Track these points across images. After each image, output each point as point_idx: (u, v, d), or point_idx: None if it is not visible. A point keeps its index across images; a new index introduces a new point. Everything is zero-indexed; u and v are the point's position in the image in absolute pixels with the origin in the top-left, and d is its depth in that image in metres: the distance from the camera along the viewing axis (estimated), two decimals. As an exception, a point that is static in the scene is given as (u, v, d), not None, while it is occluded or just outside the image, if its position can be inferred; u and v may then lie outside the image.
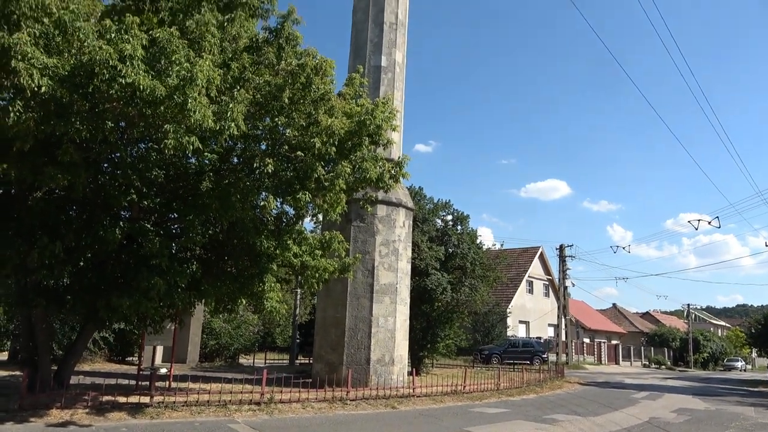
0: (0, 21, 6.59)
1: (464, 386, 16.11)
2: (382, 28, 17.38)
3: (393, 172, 11.72)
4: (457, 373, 20.72)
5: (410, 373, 16.08)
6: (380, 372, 15.52)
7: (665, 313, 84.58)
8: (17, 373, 12.56)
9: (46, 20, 6.83)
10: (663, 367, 52.24)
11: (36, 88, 6.58)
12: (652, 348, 57.59)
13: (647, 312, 77.26)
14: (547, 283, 50.65)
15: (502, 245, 35.38)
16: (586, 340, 50.88)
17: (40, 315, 10.49)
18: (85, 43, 6.95)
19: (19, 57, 6.31)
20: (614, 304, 70.40)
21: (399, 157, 12.61)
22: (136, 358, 19.22)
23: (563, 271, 40.43)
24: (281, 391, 12.07)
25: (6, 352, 19.13)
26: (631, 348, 53.87)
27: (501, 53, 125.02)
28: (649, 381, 29.10)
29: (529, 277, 47.61)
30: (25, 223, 9.19)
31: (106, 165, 9.37)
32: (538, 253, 49.44)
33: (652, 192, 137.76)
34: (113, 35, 6.99)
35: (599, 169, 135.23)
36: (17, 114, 6.61)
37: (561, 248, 40.68)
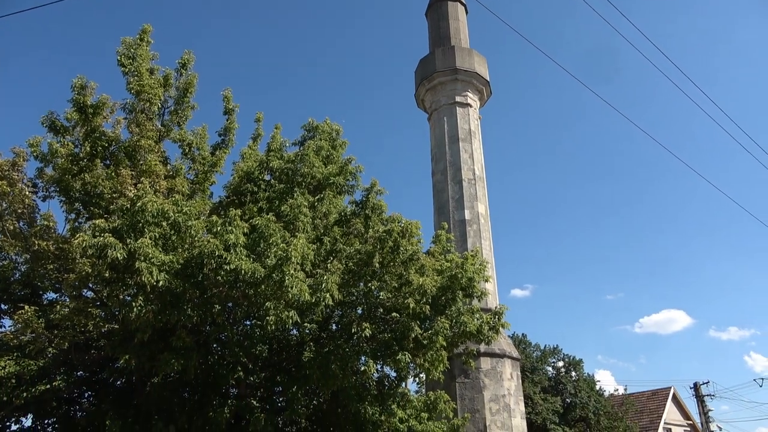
0: (129, 230, 7.67)
1: None
2: (462, 185, 18.16)
3: (492, 323, 11.48)
4: None
5: None
6: None
7: None
8: None
9: (164, 224, 7.85)
10: None
11: (155, 283, 7.37)
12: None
13: (823, 456, 64.81)
14: (688, 429, 44.45)
15: (626, 389, 32.19)
16: (753, 497, 42.83)
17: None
18: (196, 238, 7.83)
19: (142, 258, 7.20)
20: (778, 449, 59.94)
21: (496, 307, 12.40)
22: None
23: (705, 414, 35.63)
24: None
25: None
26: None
27: (585, 182, 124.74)
28: None
29: (665, 424, 42.05)
30: (143, 409, 9.68)
31: (215, 345, 9.92)
32: (671, 395, 44.06)
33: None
34: (219, 228, 7.85)
35: (719, 293, 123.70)
36: (139, 308, 7.37)
37: (696, 387, 36.31)
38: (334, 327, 11.12)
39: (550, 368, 22.19)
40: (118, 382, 11.87)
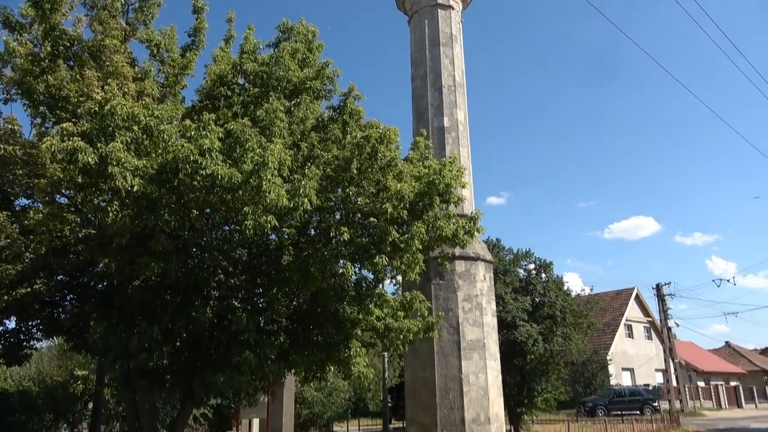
0: (99, 134, 7.46)
1: (568, 444, 15.23)
2: (441, 91, 17.85)
3: (467, 227, 11.73)
4: (560, 429, 19.58)
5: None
6: (476, 433, 15.00)
7: (789, 347, 76.31)
8: (127, 454, 13.18)
9: (135, 128, 7.64)
10: (796, 408, 46.76)
11: (129, 188, 7.30)
12: (780, 388, 51.95)
13: (767, 348, 70.17)
14: (647, 325, 47.55)
15: (591, 289, 33.86)
16: (701, 384, 46.73)
17: (143, 396, 11.10)
18: (169, 143, 7.67)
19: (115, 162, 7.06)
20: (727, 342, 64.64)
21: (472, 212, 12.65)
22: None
23: (664, 311, 37.93)
24: (376, 459, 11.92)
25: (116, 435, 20.12)
26: (754, 388, 48.88)
27: (562, 92, 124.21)
28: (780, 426, 26.14)
29: (626, 320, 44.95)
30: (126, 311, 9.93)
31: (194, 249, 10.01)
32: (633, 295, 46.74)
33: (750, 217, 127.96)
34: (193, 133, 7.68)
35: (688, 200, 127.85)
36: (115, 213, 7.33)
37: (658, 287, 38.35)
38: (312, 232, 11.28)
39: (521, 270, 23.09)
40: (100, 286, 12.07)
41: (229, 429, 21.42)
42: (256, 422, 18.62)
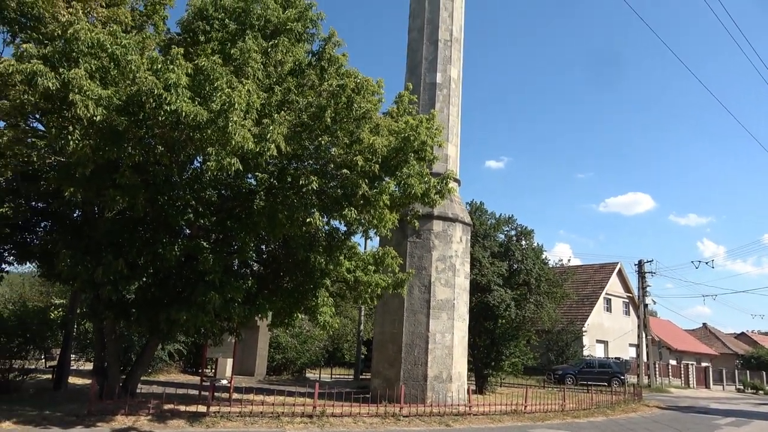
0: (61, 59, 7.30)
1: (525, 406, 15.64)
2: (437, 45, 17.50)
3: (438, 187, 11.70)
4: (524, 393, 20.08)
5: (474, 392, 15.78)
6: (437, 389, 15.38)
7: (764, 333, 77.92)
8: (94, 381, 13.48)
9: (103, 56, 7.48)
10: (760, 392, 48.06)
11: (92, 117, 7.20)
12: (748, 371, 53.09)
13: (743, 333, 71.56)
14: (627, 300, 48.17)
15: (569, 260, 34.09)
16: (672, 362, 47.73)
17: (110, 327, 11.29)
18: (137, 75, 7.53)
19: (76, 90, 6.94)
20: (704, 324, 65.79)
21: (445, 172, 12.60)
22: (209, 370, 20.27)
23: (642, 288, 38.45)
24: (333, 405, 12.25)
25: (91, 363, 20.53)
26: (724, 371, 50.03)
27: (567, 61, 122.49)
28: (739, 407, 26.89)
29: (606, 294, 45.50)
30: (94, 242, 9.96)
31: (163, 186, 9.98)
32: (616, 270, 47.16)
33: (745, 203, 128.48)
34: (160, 66, 7.53)
35: (686, 180, 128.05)
36: (75, 141, 7.25)
37: (640, 264, 38.76)
38: (289, 179, 11.24)
39: (502, 236, 23.17)
40: (75, 215, 12.10)
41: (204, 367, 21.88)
42: (229, 362, 19.02)
